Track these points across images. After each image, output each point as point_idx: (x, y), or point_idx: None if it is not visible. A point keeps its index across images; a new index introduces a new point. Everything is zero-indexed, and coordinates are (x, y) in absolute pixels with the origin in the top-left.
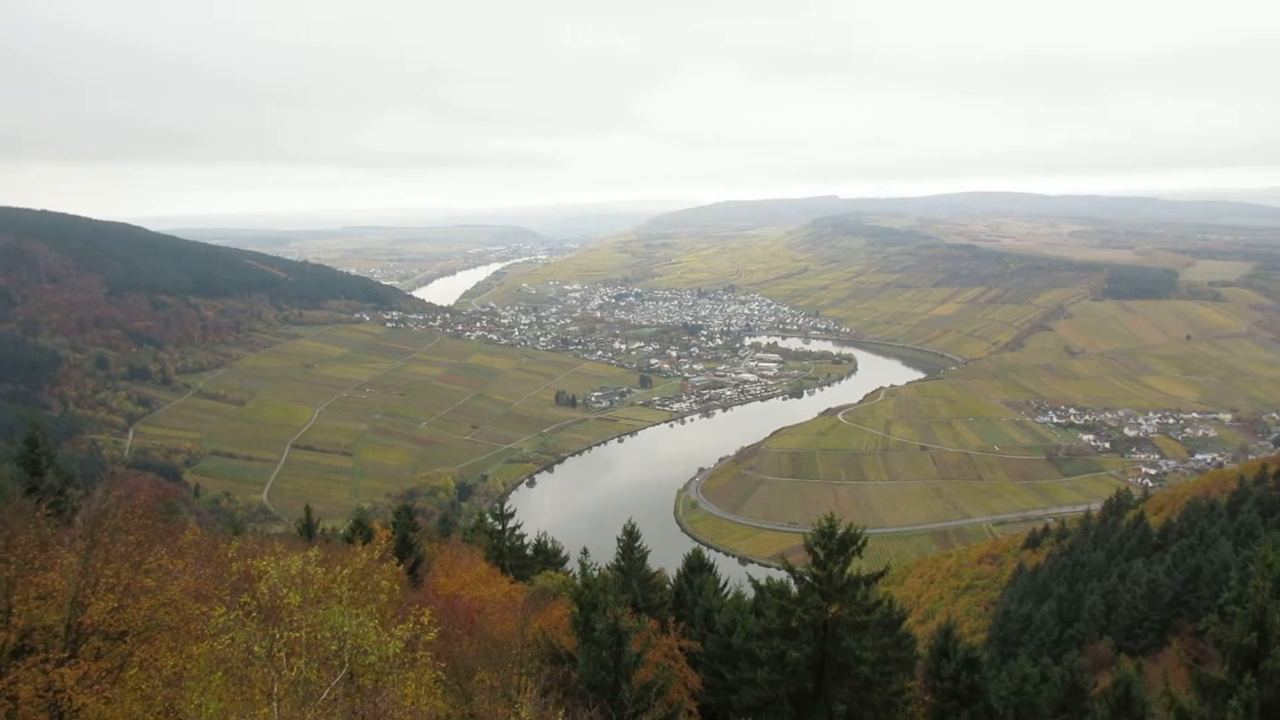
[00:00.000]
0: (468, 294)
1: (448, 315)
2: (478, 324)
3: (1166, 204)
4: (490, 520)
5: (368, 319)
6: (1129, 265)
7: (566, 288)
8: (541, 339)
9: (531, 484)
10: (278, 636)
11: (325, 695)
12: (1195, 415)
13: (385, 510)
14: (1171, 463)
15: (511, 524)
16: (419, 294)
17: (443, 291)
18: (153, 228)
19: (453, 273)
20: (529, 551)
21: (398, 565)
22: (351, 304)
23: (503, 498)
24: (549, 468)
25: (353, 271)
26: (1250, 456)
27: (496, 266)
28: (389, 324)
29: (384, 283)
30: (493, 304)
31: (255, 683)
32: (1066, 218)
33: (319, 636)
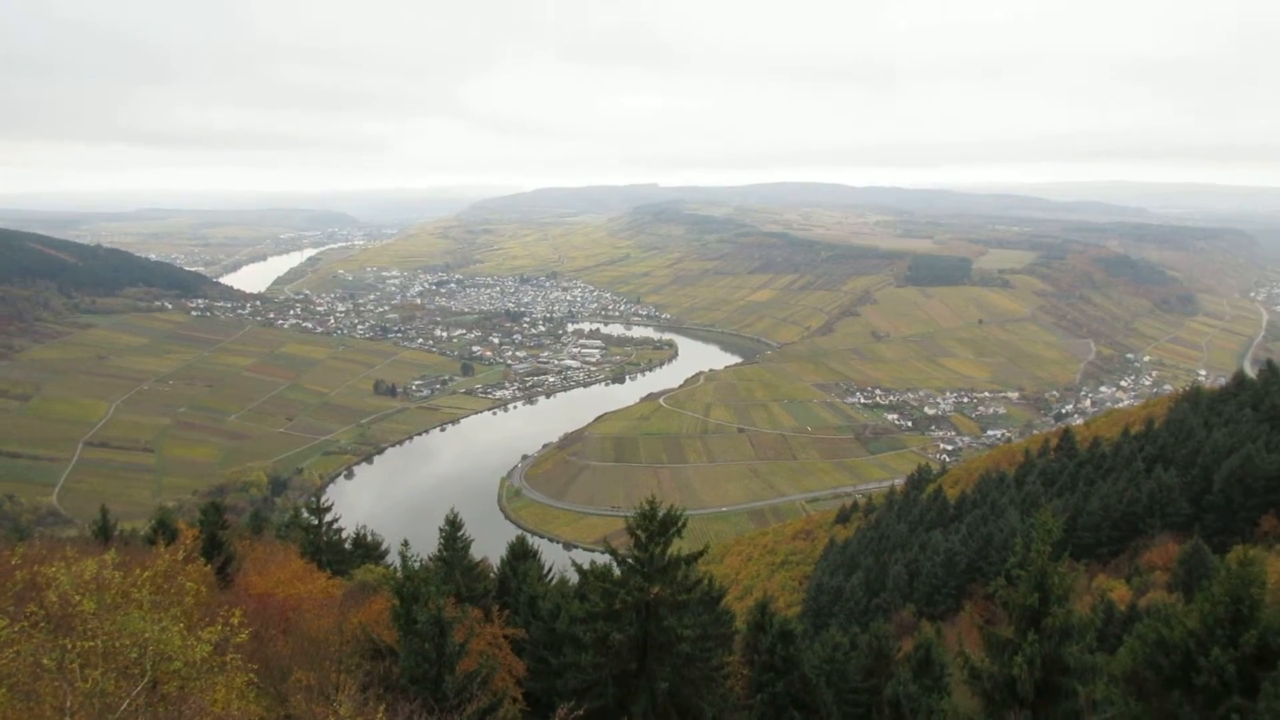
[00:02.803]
0: (280, 280)
1: (259, 303)
2: (291, 312)
3: (961, 196)
4: (306, 515)
5: (170, 307)
6: (928, 254)
7: (385, 274)
8: (359, 327)
9: (350, 476)
10: (70, 647)
11: (125, 706)
12: (987, 394)
13: (192, 508)
14: (966, 439)
15: (329, 518)
16: (227, 280)
17: (253, 278)
18: None
19: (264, 258)
20: (347, 546)
21: (205, 565)
22: (152, 291)
23: (319, 491)
24: (368, 459)
25: (153, 257)
26: (1034, 431)
27: (311, 252)
28: (194, 312)
29: (188, 269)
30: (307, 291)
31: (45, 698)
32: (873, 208)
33: (117, 644)
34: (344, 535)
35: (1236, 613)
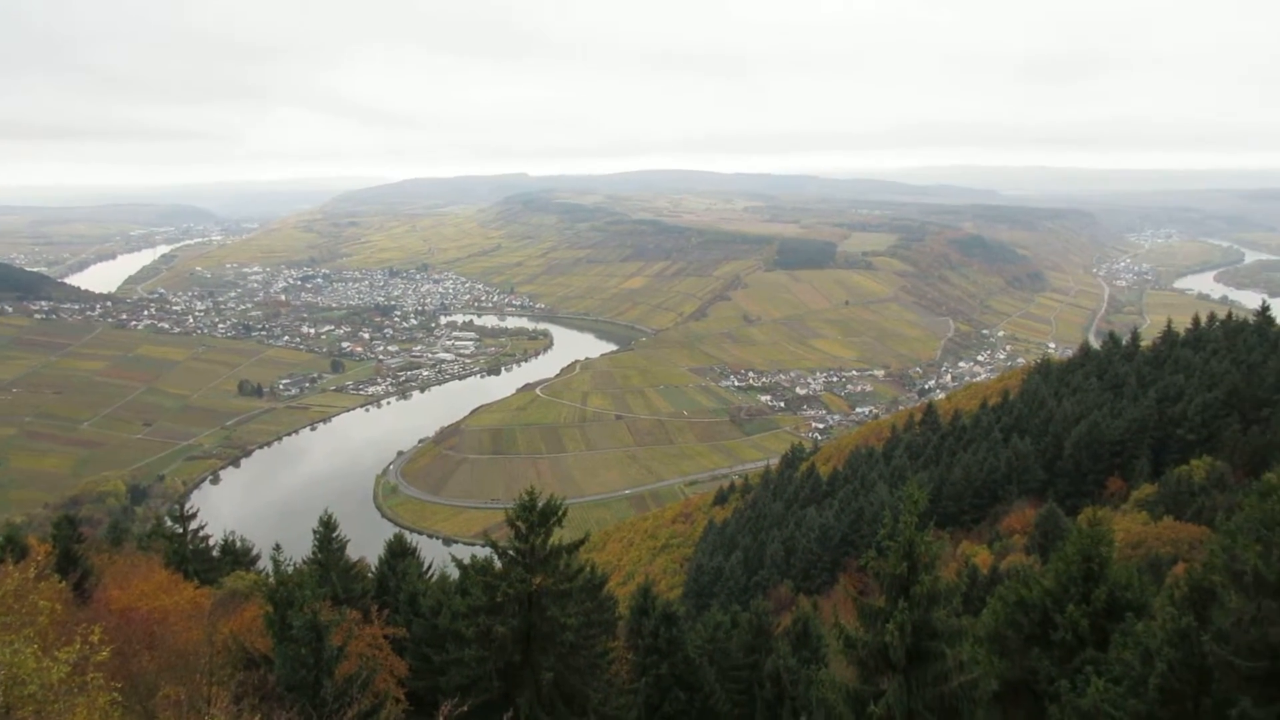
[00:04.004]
0: (132, 279)
1: (109, 304)
2: (145, 312)
3: (825, 182)
4: (169, 523)
5: (10, 310)
6: (795, 238)
7: (246, 270)
8: (220, 326)
9: (216, 481)
10: None
11: None
12: (855, 373)
13: (43, 523)
14: (836, 417)
15: (194, 525)
16: (74, 281)
17: (102, 278)
18: None
19: (113, 256)
20: (216, 553)
21: (60, 582)
22: None
23: (183, 498)
24: (235, 462)
25: None
26: (900, 407)
27: (165, 249)
28: (37, 315)
29: (28, 269)
30: (162, 290)
31: None
32: (741, 194)
33: None
34: (211, 543)
35: (1088, 571)
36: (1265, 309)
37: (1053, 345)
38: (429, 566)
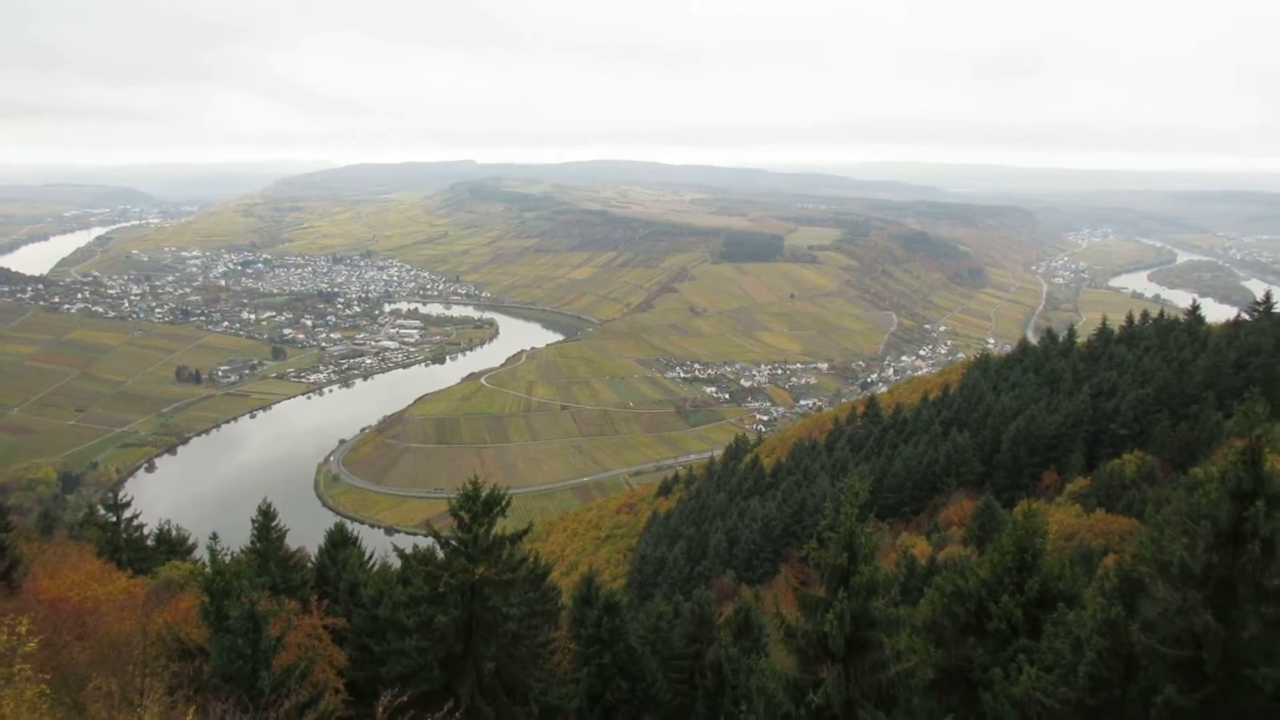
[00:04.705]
0: (65, 262)
1: (41, 286)
2: (79, 295)
3: (772, 175)
4: (102, 511)
5: None
6: (742, 231)
7: (185, 254)
8: (158, 310)
9: (151, 469)
10: None
11: None
12: (799, 366)
13: None
14: (781, 409)
15: (128, 514)
16: (3, 262)
17: (33, 259)
18: None
19: (45, 238)
20: (150, 542)
21: None
22: None
23: (117, 486)
24: (172, 450)
25: None
26: (843, 400)
27: (100, 231)
28: None
29: None
30: (97, 273)
31: None
32: (688, 186)
33: None
34: (146, 531)
35: (1022, 561)
36: (1195, 308)
37: (992, 341)
38: (370, 556)
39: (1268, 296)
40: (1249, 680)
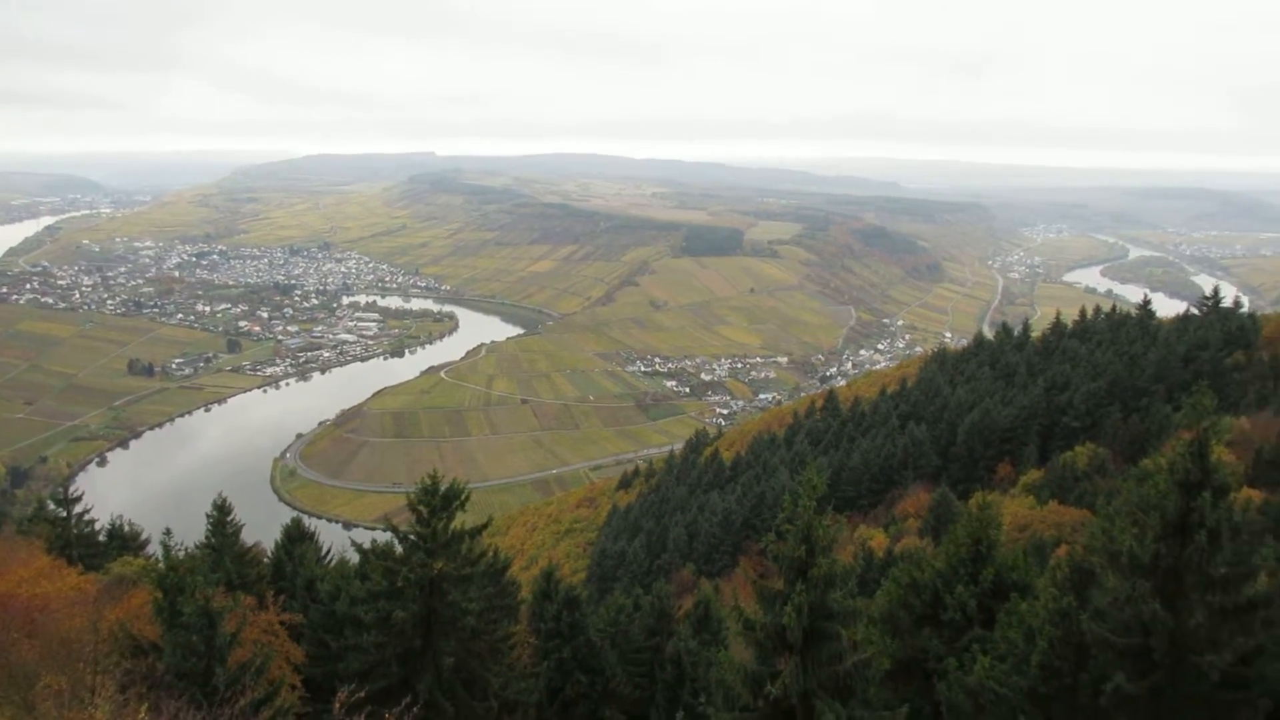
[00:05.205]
0: (13, 251)
1: None
2: (28, 285)
3: (734, 170)
4: (52, 506)
5: None
6: (703, 225)
7: (138, 245)
8: (110, 302)
9: (103, 463)
10: None
11: None
12: (759, 359)
13: None
14: (740, 403)
15: (79, 509)
16: None
17: None
18: None
19: None
20: (102, 538)
21: None
22: None
23: (67, 480)
24: (124, 444)
25: None
26: (802, 394)
27: (50, 220)
28: None
29: None
30: (46, 263)
31: None
32: (650, 180)
33: None
34: (98, 527)
35: (977, 552)
36: (1146, 303)
37: (949, 335)
38: (328, 551)
39: (1216, 292)
40: (1195, 667)
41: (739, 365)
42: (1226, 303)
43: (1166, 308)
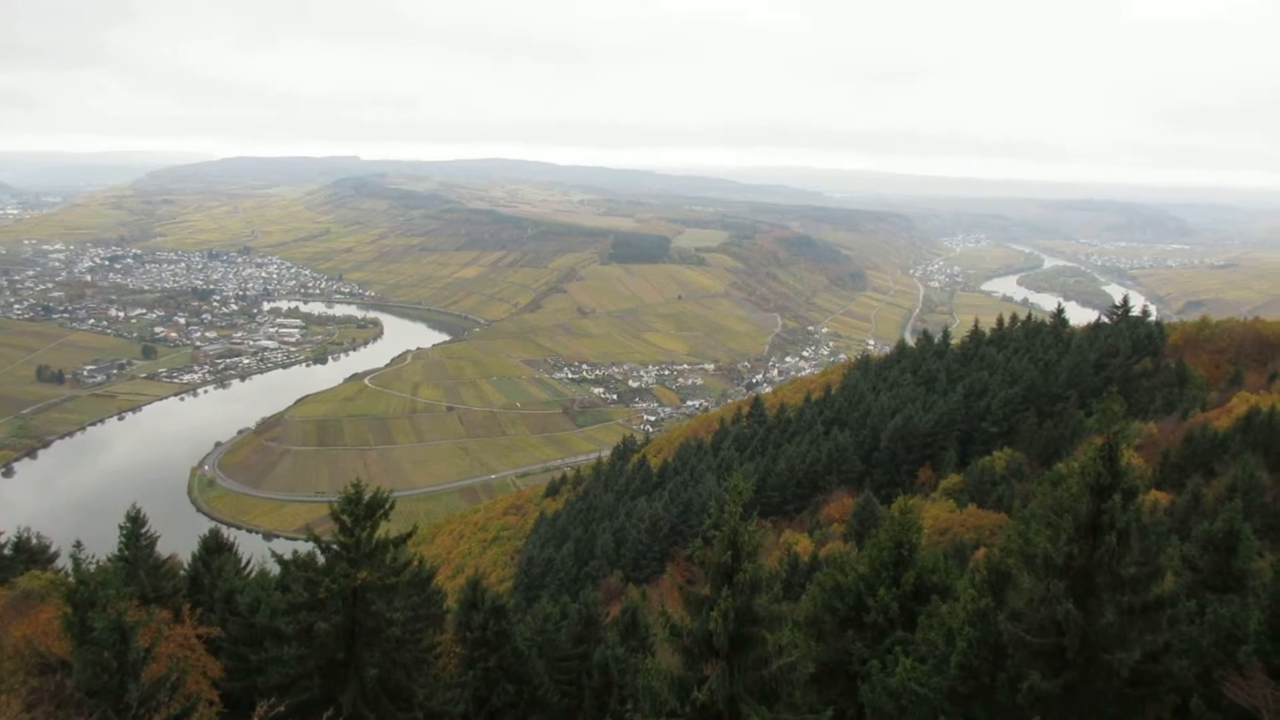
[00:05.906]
0: None
1: None
2: None
3: (660, 177)
4: None
5: None
6: (631, 232)
7: (47, 248)
8: (16, 306)
9: (9, 474)
10: None
11: None
12: (686, 366)
13: None
14: (668, 409)
15: None
16: None
17: None
18: None
19: None
20: (8, 551)
21: None
22: None
23: None
24: (31, 454)
25: None
26: (729, 400)
27: None
28: None
29: None
30: None
31: None
32: (577, 187)
33: None
34: (3, 540)
35: (898, 556)
36: (1060, 311)
37: (872, 342)
38: (248, 563)
39: (1125, 301)
40: (1106, 665)
41: (666, 372)
42: (1135, 312)
43: (1079, 316)
